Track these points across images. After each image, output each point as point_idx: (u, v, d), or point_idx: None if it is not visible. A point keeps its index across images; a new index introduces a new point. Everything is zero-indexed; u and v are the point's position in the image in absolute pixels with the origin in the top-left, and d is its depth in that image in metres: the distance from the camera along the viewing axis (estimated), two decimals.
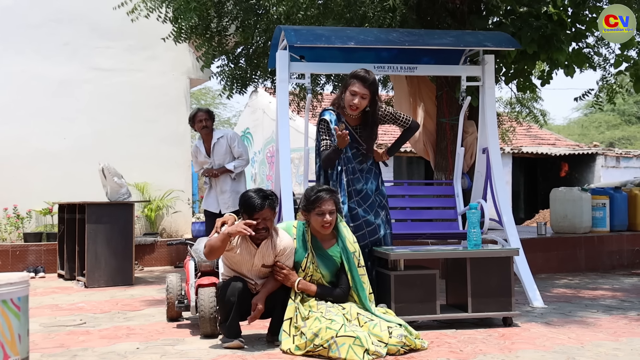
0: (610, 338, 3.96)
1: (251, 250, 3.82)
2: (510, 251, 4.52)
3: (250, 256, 3.82)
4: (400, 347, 3.55)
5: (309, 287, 3.83)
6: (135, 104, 9.46)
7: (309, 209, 3.82)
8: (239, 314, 3.79)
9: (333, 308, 3.72)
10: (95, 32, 9.31)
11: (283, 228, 3.91)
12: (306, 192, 3.90)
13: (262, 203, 3.71)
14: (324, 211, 3.79)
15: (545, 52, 5.96)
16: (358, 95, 4.32)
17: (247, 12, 6.77)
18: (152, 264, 8.47)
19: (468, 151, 6.53)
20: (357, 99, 4.32)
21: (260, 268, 3.86)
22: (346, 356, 3.34)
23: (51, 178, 8.76)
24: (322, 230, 3.83)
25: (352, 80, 4.34)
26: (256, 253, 3.81)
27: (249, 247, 3.82)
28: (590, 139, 26.09)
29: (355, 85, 4.32)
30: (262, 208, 3.71)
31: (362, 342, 3.39)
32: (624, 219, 8.26)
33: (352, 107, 4.35)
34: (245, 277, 3.88)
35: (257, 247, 3.80)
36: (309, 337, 3.50)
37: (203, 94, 25.73)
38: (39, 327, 4.44)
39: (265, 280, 3.90)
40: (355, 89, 4.32)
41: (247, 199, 3.76)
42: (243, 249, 3.81)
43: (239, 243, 3.81)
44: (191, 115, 6.53)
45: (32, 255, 7.92)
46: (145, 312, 5.13)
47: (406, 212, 6.13)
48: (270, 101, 15.67)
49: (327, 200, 3.81)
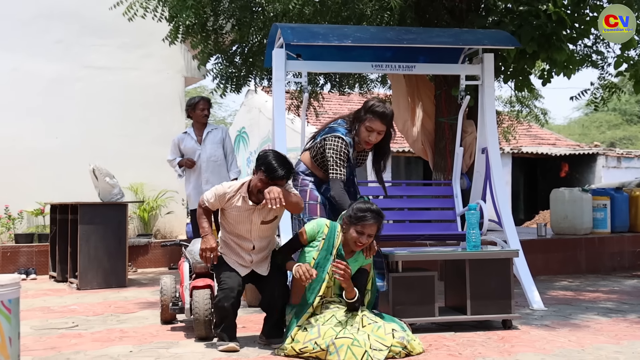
0: (611, 341, 3.93)
1: (250, 210, 3.82)
2: (509, 253, 4.49)
3: (248, 213, 3.83)
4: (401, 348, 3.54)
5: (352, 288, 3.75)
6: (129, 102, 9.40)
7: (352, 222, 3.73)
8: (235, 316, 3.79)
9: (338, 312, 3.69)
10: (88, 29, 9.23)
11: (315, 223, 3.80)
12: (358, 205, 3.77)
13: (285, 176, 3.74)
14: (364, 232, 3.73)
15: (545, 51, 5.92)
16: (375, 132, 4.15)
17: (243, 10, 6.73)
18: (146, 265, 8.41)
19: (467, 151, 6.51)
20: (374, 135, 4.16)
21: (260, 226, 3.85)
22: (345, 357, 3.32)
23: (43, 178, 8.69)
24: (354, 247, 3.78)
25: (370, 115, 4.11)
26: (256, 209, 3.82)
27: (248, 207, 3.82)
28: (591, 138, 26.09)
29: (374, 123, 4.10)
30: (282, 179, 3.73)
31: (360, 344, 3.37)
32: (625, 220, 8.24)
33: (368, 144, 4.21)
34: (244, 239, 3.86)
35: (256, 205, 3.81)
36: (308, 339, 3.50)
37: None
38: (30, 330, 4.40)
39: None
40: (374, 126, 4.12)
41: (274, 168, 3.70)
42: (242, 209, 3.82)
43: (237, 204, 3.81)
44: (192, 102, 6.49)
45: (24, 256, 7.84)
46: (139, 314, 5.09)
47: (404, 213, 6.11)
48: (267, 100, 15.63)
49: (372, 225, 3.73)
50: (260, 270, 3.92)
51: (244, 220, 3.85)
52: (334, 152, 4.10)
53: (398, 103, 7.28)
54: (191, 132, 6.50)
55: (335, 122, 4.32)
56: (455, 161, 6.20)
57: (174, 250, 8.11)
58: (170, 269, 8.27)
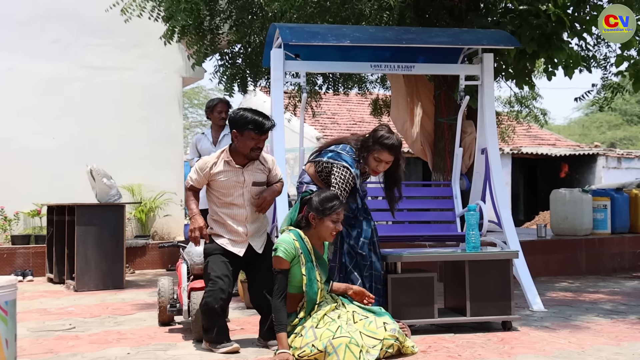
0: (611, 342, 3.92)
1: (238, 171, 3.85)
2: (509, 254, 4.48)
3: (237, 175, 3.85)
4: (393, 340, 3.56)
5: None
6: (127, 102, 9.35)
7: (325, 214, 3.69)
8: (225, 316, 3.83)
9: (334, 313, 3.67)
10: (85, 29, 9.19)
11: (285, 243, 3.67)
12: (324, 197, 3.73)
13: (273, 124, 3.88)
14: (339, 219, 3.74)
15: (546, 51, 5.91)
16: (383, 163, 4.16)
17: (242, 10, 6.71)
18: (144, 266, 8.37)
19: (466, 151, 6.50)
20: (382, 166, 4.17)
21: (251, 188, 3.86)
22: (344, 356, 3.32)
23: (40, 179, 8.64)
24: (330, 238, 3.78)
25: (378, 147, 4.11)
26: (244, 171, 3.86)
27: (235, 169, 3.85)
28: (591, 139, 26.04)
29: (383, 154, 4.11)
30: (271, 128, 3.89)
31: (357, 342, 3.40)
32: (626, 220, 8.23)
33: (376, 173, 4.23)
34: (237, 206, 3.85)
35: (243, 167, 3.87)
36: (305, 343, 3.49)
37: (196, 93, 25.61)
38: (27, 332, 4.39)
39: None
40: (382, 157, 4.13)
41: (261, 122, 3.80)
42: (229, 173, 3.84)
43: (222, 169, 3.84)
44: (211, 104, 6.48)
45: (20, 258, 7.79)
46: (137, 316, 5.08)
47: (403, 213, 6.09)
48: (265, 100, 15.62)
49: (342, 210, 3.76)
50: (255, 244, 3.90)
51: (234, 185, 3.84)
52: (340, 182, 4.09)
53: (397, 103, 7.27)
54: (208, 134, 6.49)
55: (343, 146, 4.26)
56: (455, 162, 6.18)
57: (171, 251, 8.09)
58: (168, 270, 8.24)
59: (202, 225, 3.83)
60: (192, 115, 26.59)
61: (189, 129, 26.01)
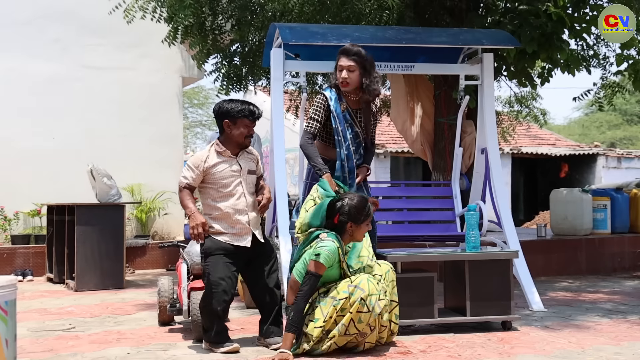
0: (611, 342, 3.92)
1: (232, 160, 3.91)
2: (509, 253, 4.48)
3: (233, 165, 3.90)
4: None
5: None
6: (127, 102, 9.35)
7: (362, 220, 3.81)
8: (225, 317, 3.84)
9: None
10: (85, 29, 9.19)
11: (330, 251, 3.63)
12: (357, 205, 3.79)
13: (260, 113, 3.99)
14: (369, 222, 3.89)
15: (546, 51, 5.91)
16: (345, 69, 4.23)
17: (242, 10, 6.71)
18: (144, 266, 8.37)
19: (466, 151, 6.49)
20: (344, 72, 4.24)
21: (248, 175, 3.95)
22: (369, 288, 3.55)
23: (39, 179, 8.64)
24: (362, 238, 3.92)
25: (338, 56, 4.29)
26: (238, 160, 3.93)
27: (230, 159, 3.91)
28: (591, 139, 26.00)
29: (341, 60, 4.26)
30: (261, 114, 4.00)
31: (373, 279, 3.68)
32: (626, 220, 8.23)
33: (343, 83, 4.26)
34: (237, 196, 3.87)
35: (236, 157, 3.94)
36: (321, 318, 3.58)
37: (196, 93, 25.58)
38: (27, 332, 4.39)
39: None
40: (341, 63, 4.25)
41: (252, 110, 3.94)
42: (225, 163, 3.88)
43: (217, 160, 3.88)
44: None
45: (20, 258, 7.79)
46: (137, 316, 5.08)
47: (403, 213, 6.09)
48: (265, 100, 15.62)
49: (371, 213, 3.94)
50: (258, 234, 3.91)
51: (231, 174, 3.88)
52: (312, 107, 4.33)
53: (397, 103, 7.27)
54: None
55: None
56: (455, 161, 6.18)
57: (171, 251, 8.09)
58: (168, 270, 8.24)
59: (204, 221, 3.81)
60: (192, 115, 26.59)
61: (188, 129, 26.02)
